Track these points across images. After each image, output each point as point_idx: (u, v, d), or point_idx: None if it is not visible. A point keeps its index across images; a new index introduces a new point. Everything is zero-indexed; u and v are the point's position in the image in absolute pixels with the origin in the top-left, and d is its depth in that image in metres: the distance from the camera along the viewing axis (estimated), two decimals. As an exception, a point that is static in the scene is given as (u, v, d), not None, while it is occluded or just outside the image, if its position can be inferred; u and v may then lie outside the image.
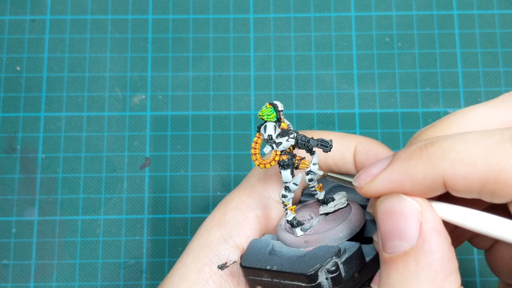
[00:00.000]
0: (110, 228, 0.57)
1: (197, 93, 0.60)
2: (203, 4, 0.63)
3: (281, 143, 0.35)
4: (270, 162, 0.36)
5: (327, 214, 0.38)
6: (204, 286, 0.38)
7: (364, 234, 0.38)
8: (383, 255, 0.32)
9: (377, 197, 0.34)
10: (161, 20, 0.62)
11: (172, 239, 0.57)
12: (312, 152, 0.36)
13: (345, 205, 0.38)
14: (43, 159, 0.58)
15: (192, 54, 0.61)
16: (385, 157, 0.34)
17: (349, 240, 0.36)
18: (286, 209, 0.37)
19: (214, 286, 0.38)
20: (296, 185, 0.36)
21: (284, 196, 0.37)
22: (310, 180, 0.37)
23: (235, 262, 0.38)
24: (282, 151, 0.36)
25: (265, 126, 0.36)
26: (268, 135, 0.35)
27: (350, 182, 0.36)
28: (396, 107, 0.60)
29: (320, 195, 0.39)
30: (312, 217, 0.39)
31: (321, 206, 0.39)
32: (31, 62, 0.61)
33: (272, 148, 0.35)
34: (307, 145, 0.36)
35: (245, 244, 0.39)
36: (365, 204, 0.38)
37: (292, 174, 0.36)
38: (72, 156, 0.59)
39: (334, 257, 0.34)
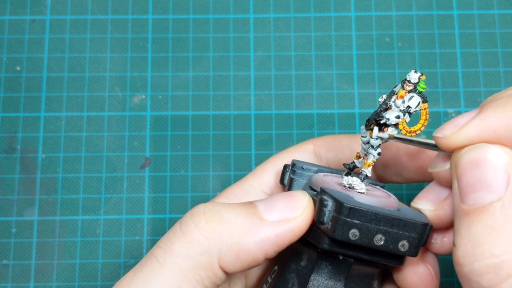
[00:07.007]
0: (110, 228, 0.57)
1: (197, 93, 0.60)
2: (203, 4, 0.63)
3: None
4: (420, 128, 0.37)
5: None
6: None
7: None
8: (463, 208, 0.31)
9: (457, 150, 0.33)
10: (161, 20, 0.62)
11: (172, 239, 0.57)
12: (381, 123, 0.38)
13: (363, 190, 0.38)
14: (43, 159, 0.58)
15: (192, 54, 0.61)
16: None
17: None
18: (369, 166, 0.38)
19: None
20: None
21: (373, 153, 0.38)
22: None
23: None
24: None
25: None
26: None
27: (420, 142, 0.35)
28: (396, 107, 0.60)
29: (358, 163, 0.40)
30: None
31: (350, 177, 0.39)
32: (31, 62, 0.61)
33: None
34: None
35: None
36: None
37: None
38: (72, 156, 0.59)
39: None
